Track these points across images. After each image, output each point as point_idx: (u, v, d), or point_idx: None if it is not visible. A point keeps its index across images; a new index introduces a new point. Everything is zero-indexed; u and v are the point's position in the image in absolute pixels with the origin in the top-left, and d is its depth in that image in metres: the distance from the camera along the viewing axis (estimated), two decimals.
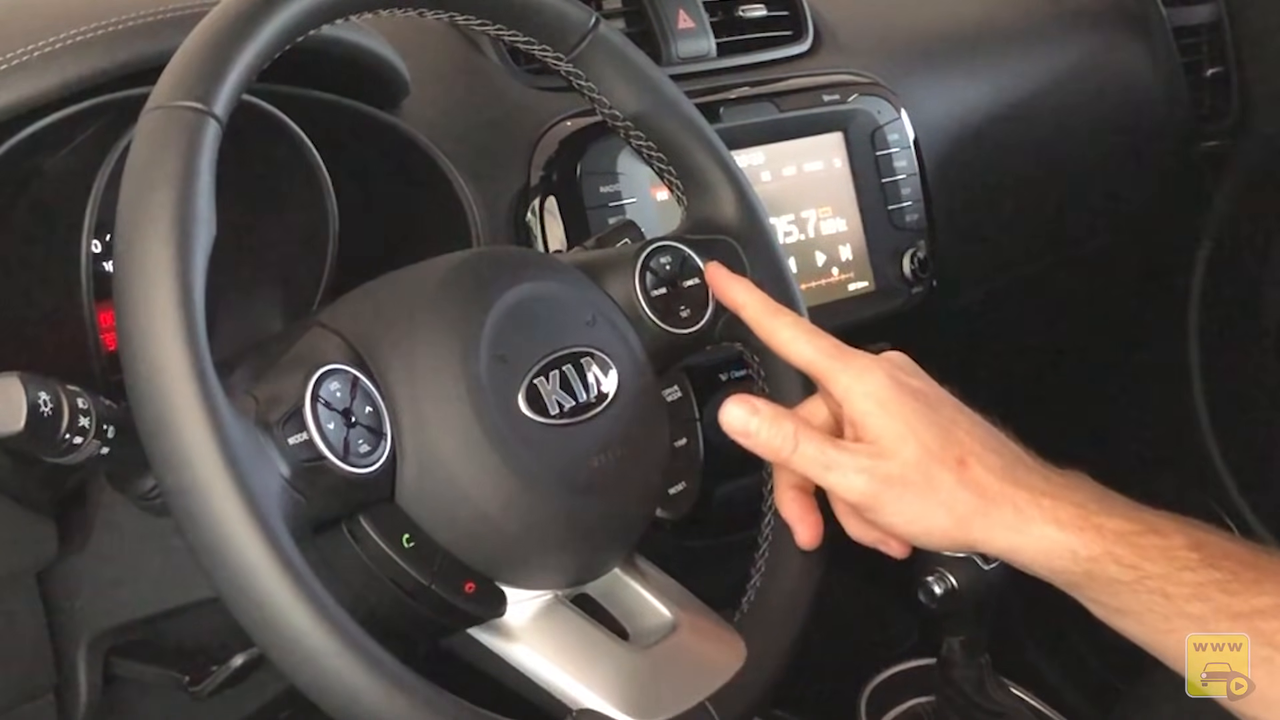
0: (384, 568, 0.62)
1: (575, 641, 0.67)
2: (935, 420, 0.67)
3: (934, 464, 0.66)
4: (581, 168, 0.94)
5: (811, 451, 0.67)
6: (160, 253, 0.54)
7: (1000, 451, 0.68)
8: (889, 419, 0.67)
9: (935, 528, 0.66)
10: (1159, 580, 0.63)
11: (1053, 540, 0.64)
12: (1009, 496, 0.65)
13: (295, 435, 0.59)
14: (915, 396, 0.68)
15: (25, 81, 0.67)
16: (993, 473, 0.66)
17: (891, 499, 0.66)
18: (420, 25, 0.88)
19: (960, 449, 0.66)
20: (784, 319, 0.72)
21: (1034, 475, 0.67)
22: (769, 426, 0.68)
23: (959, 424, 0.68)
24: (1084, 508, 0.65)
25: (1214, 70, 1.42)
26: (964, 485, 0.65)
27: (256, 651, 0.74)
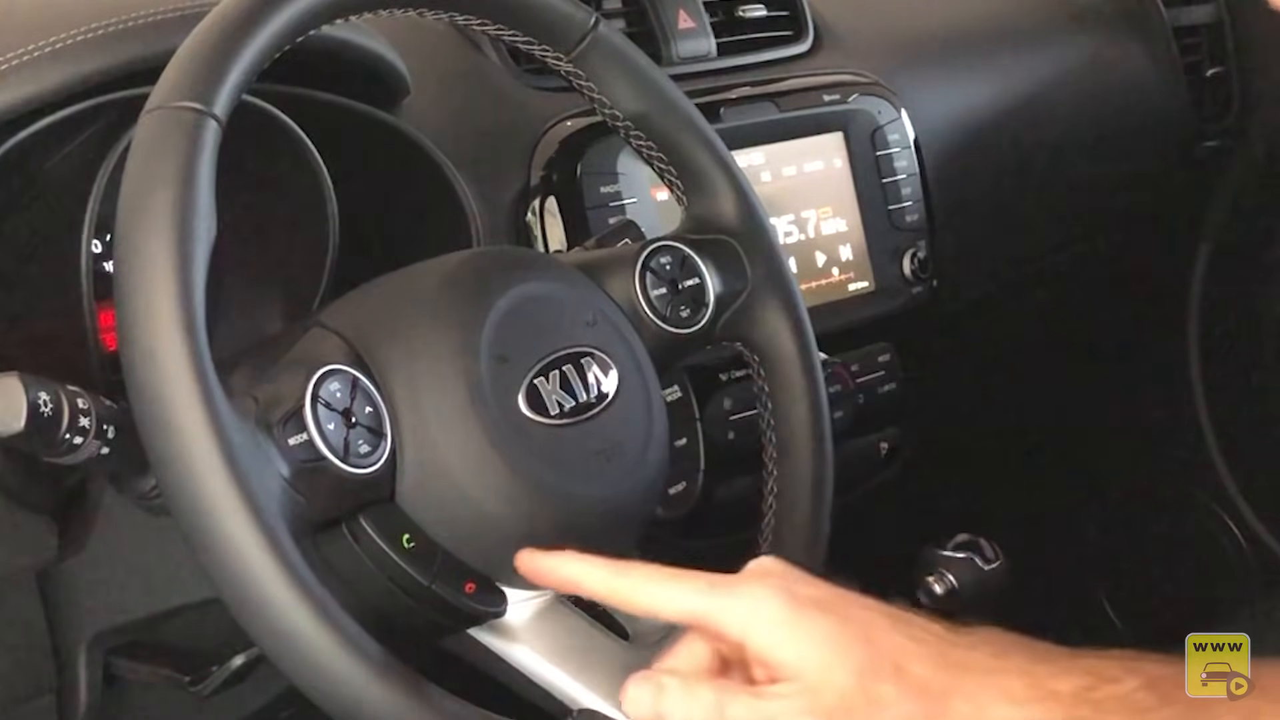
0: (384, 568, 0.62)
1: (575, 641, 0.67)
2: (852, 629, 0.60)
3: (871, 679, 0.59)
4: (581, 168, 0.94)
5: (741, 713, 0.58)
6: (160, 253, 0.54)
7: (925, 639, 0.61)
8: (806, 645, 0.59)
9: None
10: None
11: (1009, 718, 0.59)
12: (957, 687, 0.60)
13: (295, 436, 0.59)
14: (821, 610, 0.60)
15: (25, 81, 0.67)
16: (931, 665, 0.60)
17: None
18: (420, 25, 0.88)
19: (889, 653, 0.60)
20: (633, 576, 0.63)
21: (968, 652, 0.61)
22: (684, 701, 0.59)
23: (875, 625, 0.61)
24: (1032, 674, 0.60)
25: (1214, 70, 1.42)
26: (909, 693, 0.59)
27: (256, 651, 0.74)
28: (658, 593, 0.62)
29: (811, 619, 0.60)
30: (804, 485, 0.77)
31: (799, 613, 0.60)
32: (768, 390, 0.79)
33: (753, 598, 0.60)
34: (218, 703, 0.77)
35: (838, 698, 0.58)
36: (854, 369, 1.07)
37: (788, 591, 0.60)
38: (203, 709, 0.79)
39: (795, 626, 0.59)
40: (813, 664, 0.59)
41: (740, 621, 0.60)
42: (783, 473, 0.78)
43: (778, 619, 0.59)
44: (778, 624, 0.59)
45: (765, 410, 0.80)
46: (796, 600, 0.60)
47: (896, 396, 1.10)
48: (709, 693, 0.59)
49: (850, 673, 0.59)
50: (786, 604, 0.60)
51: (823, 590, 0.62)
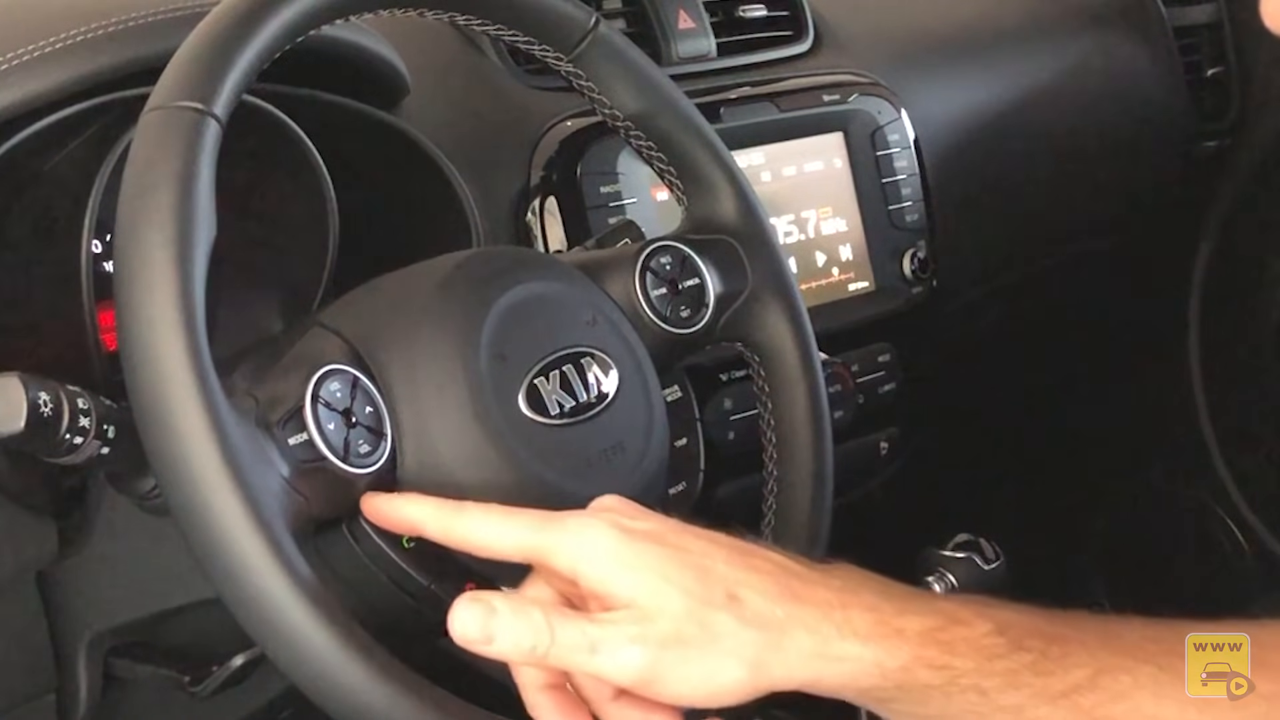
0: (384, 568, 0.62)
1: None
2: (685, 561, 0.59)
3: (705, 609, 0.57)
4: (581, 168, 0.94)
5: (571, 636, 0.56)
6: (160, 253, 0.54)
7: (765, 570, 0.60)
8: (636, 574, 0.57)
9: (729, 681, 0.57)
10: (972, 676, 0.58)
11: (857, 657, 0.58)
12: (797, 620, 0.58)
13: (295, 435, 0.59)
14: (652, 541, 0.59)
15: (25, 81, 0.67)
16: (770, 598, 0.58)
17: (673, 664, 0.56)
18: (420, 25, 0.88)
19: (725, 583, 0.58)
20: (465, 515, 0.61)
21: (812, 585, 0.60)
22: (513, 622, 0.56)
23: (711, 555, 0.59)
24: (879, 611, 0.59)
25: (1214, 70, 1.42)
26: (745, 623, 0.57)
27: (256, 651, 0.74)
28: (490, 531, 0.60)
29: (643, 549, 0.58)
30: (804, 485, 0.77)
31: (629, 545, 0.58)
32: (768, 390, 0.79)
33: (581, 532, 0.59)
34: (218, 703, 0.77)
35: (670, 625, 0.57)
36: (854, 369, 1.07)
37: (617, 525, 0.59)
38: (203, 709, 0.79)
39: (626, 558, 0.58)
40: (644, 593, 0.57)
41: (570, 556, 0.59)
42: (783, 473, 0.78)
43: (607, 551, 0.58)
44: (607, 556, 0.58)
45: (765, 410, 0.80)
46: (627, 533, 0.59)
47: (896, 396, 1.10)
48: (539, 615, 0.57)
49: (683, 601, 0.57)
50: (617, 536, 0.59)
51: (657, 523, 0.61)
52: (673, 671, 0.57)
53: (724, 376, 0.99)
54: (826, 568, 0.62)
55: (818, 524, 0.77)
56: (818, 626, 0.58)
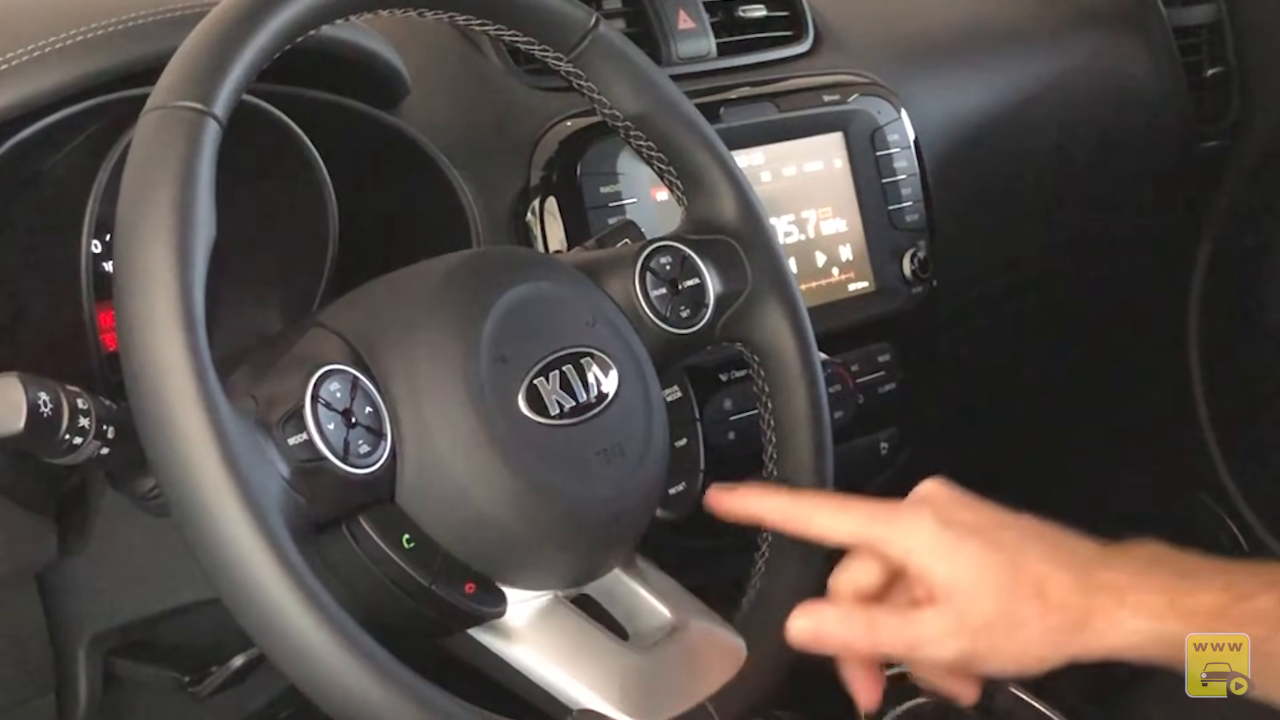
0: (384, 568, 0.62)
1: (575, 642, 0.67)
2: (1000, 555, 0.66)
3: (1015, 601, 0.65)
4: (581, 168, 0.94)
5: (891, 636, 0.67)
6: (160, 253, 0.54)
7: (1069, 563, 0.67)
8: (958, 569, 0.66)
9: (1033, 660, 0.66)
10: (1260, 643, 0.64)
11: (1149, 634, 0.65)
12: (1095, 607, 0.65)
13: (295, 436, 0.59)
14: (971, 534, 0.67)
15: (25, 81, 0.67)
16: (1072, 589, 0.65)
17: (985, 650, 0.66)
18: (420, 25, 0.88)
19: (1033, 578, 0.65)
20: (808, 505, 0.71)
21: (1110, 571, 0.66)
22: (840, 628, 0.68)
23: (1022, 549, 0.67)
24: (1170, 592, 0.65)
25: (1214, 70, 1.42)
26: (1049, 612, 0.65)
27: (256, 651, 0.74)
28: (829, 521, 0.70)
29: (962, 545, 0.66)
30: (804, 485, 0.77)
31: (951, 539, 0.66)
32: (768, 390, 0.79)
33: (913, 526, 0.67)
34: (218, 703, 0.77)
35: (981, 619, 0.65)
36: (854, 369, 1.07)
37: (942, 518, 0.67)
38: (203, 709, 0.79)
39: (947, 552, 0.66)
40: (962, 587, 0.66)
41: (901, 548, 0.67)
42: (783, 473, 0.78)
43: (932, 545, 0.66)
44: (932, 550, 0.66)
45: (765, 410, 0.80)
46: (950, 526, 0.67)
47: (896, 396, 1.10)
48: (861, 617, 0.68)
49: (994, 596, 0.65)
50: (940, 531, 0.67)
51: (978, 515, 0.68)
52: (985, 657, 0.66)
53: (724, 376, 0.99)
54: (1126, 548, 0.68)
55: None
56: (1112, 613, 0.65)
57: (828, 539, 0.70)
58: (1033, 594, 0.65)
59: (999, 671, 0.67)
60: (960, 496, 0.70)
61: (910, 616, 0.67)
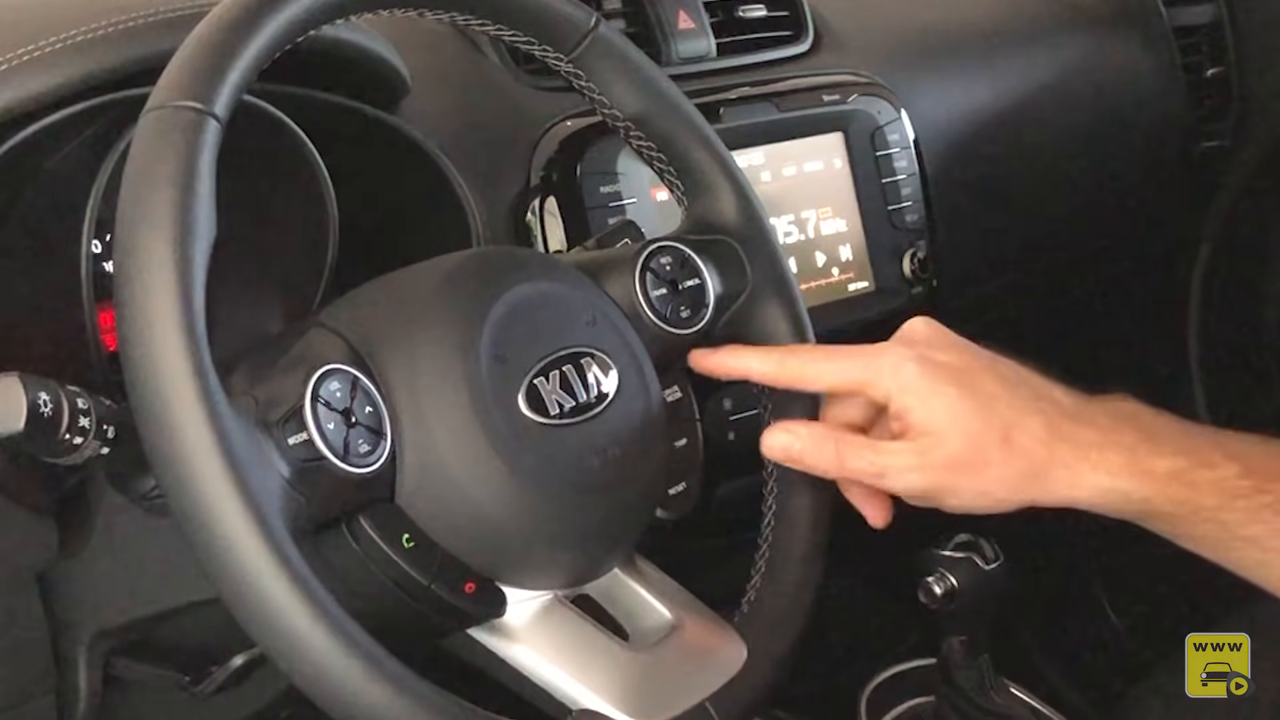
0: (384, 568, 0.62)
1: (575, 642, 0.67)
2: (973, 399, 0.68)
3: (981, 444, 0.67)
4: (581, 168, 0.94)
5: (860, 463, 0.70)
6: (160, 253, 0.54)
7: (1041, 410, 0.69)
8: (930, 410, 0.68)
9: (993, 501, 0.69)
10: (1213, 511, 0.66)
11: (1106, 489, 0.67)
12: (1058, 458, 0.67)
13: (295, 435, 0.59)
14: (949, 377, 0.69)
15: (25, 81, 0.67)
16: (1037, 438, 0.68)
17: (947, 487, 0.68)
18: (420, 25, 0.88)
19: (1002, 422, 0.68)
20: (795, 358, 0.74)
21: (1078, 425, 0.69)
22: (812, 448, 0.71)
23: (997, 396, 0.69)
24: (1133, 451, 0.67)
25: (1214, 70, 1.42)
26: (1012, 457, 0.67)
27: (256, 651, 0.74)
28: (817, 371, 0.73)
29: (939, 387, 0.69)
30: (804, 485, 0.77)
31: (930, 379, 0.69)
32: (768, 390, 0.79)
33: (895, 367, 0.70)
34: (218, 703, 0.77)
35: (946, 457, 0.68)
36: None
37: (923, 360, 0.70)
38: (203, 709, 0.79)
39: (925, 393, 0.69)
40: (934, 426, 0.68)
41: (883, 388, 0.70)
42: (783, 472, 0.78)
43: (910, 385, 0.69)
44: (910, 390, 0.69)
45: (765, 410, 0.80)
46: (929, 367, 0.69)
47: None
48: (832, 443, 0.71)
49: (963, 436, 0.68)
50: (919, 372, 0.69)
51: (959, 356, 0.71)
52: (946, 493, 0.69)
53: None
54: (1102, 403, 0.71)
55: (818, 524, 0.77)
56: (1073, 464, 0.67)
57: (821, 384, 0.73)
58: (999, 439, 0.67)
59: (957, 507, 0.70)
60: (945, 336, 0.73)
61: (880, 447, 0.70)
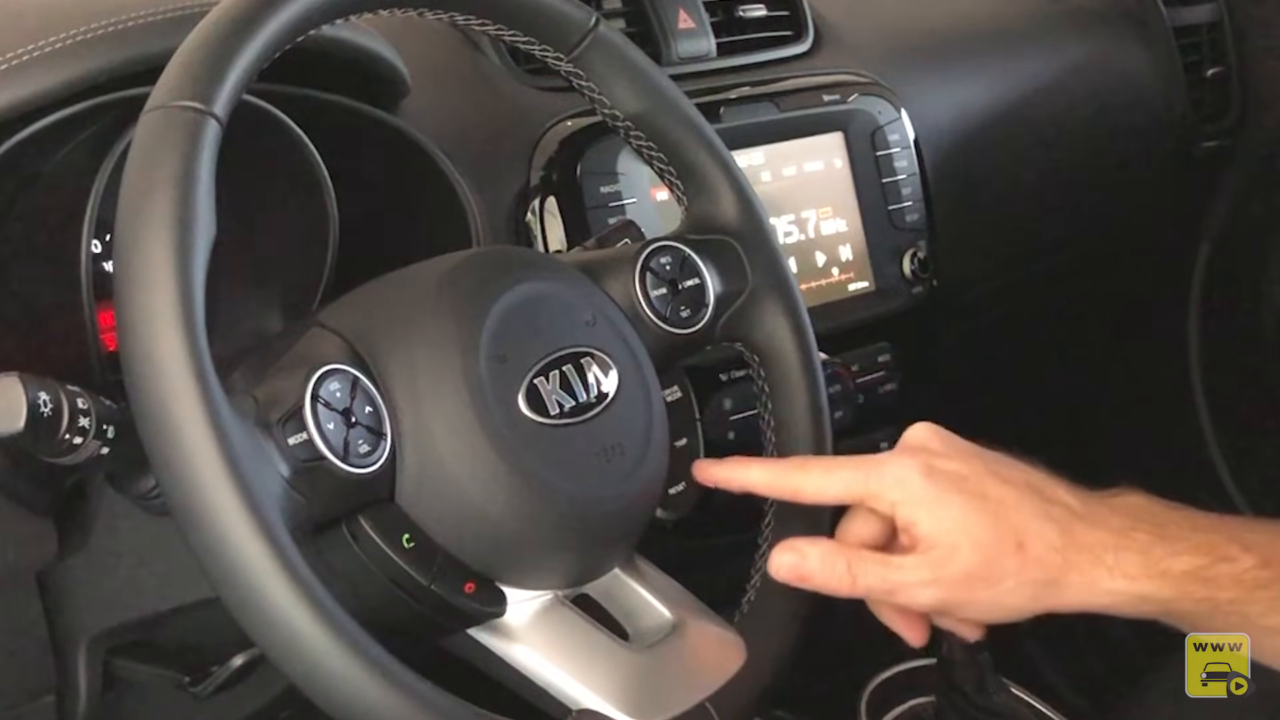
0: (384, 568, 0.62)
1: (575, 641, 0.67)
2: (983, 508, 0.67)
3: (994, 556, 0.66)
4: (581, 168, 0.94)
5: (872, 581, 0.68)
6: (160, 253, 0.54)
7: (1052, 516, 0.67)
8: (939, 521, 0.67)
9: (1010, 612, 0.67)
10: (1235, 604, 0.65)
11: (1125, 594, 0.66)
12: (1073, 565, 0.66)
13: (295, 435, 0.59)
14: (956, 486, 0.68)
15: (25, 81, 0.67)
16: (1051, 546, 0.66)
17: (961, 600, 0.67)
18: (420, 25, 0.88)
19: (1015, 532, 0.66)
20: (796, 470, 0.72)
21: (1090, 528, 0.67)
22: (822, 567, 0.68)
23: (1006, 503, 0.67)
24: (1148, 553, 0.66)
25: (1214, 70, 1.42)
26: (1027, 568, 0.66)
27: (256, 651, 0.74)
28: (819, 483, 0.71)
29: (946, 497, 0.67)
30: None
31: (935, 488, 0.67)
32: (768, 390, 0.79)
33: (899, 478, 0.68)
34: (218, 703, 0.77)
35: (960, 571, 0.66)
36: (854, 369, 1.07)
37: (928, 468, 0.68)
38: (203, 709, 0.79)
39: (932, 503, 0.67)
40: (943, 538, 0.66)
41: (888, 500, 0.68)
42: None
43: (916, 496, 0.67)
44: (916, 501, 0.67)
45: (765, 410, 0.80)
46: (933, 476, 0.68)
47: (896, 396, 1.10)
48: (843, 560, 0.68)
49: (975, 549, 0.66)
50: (924, 482, 0.67)
51: (965, 463, 0.69)
52: (961, 606, 0.68)
53: (724, 376, 0.99)
54: (1111, 501, 0.69)
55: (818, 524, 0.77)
56: (1090, 570, 0.66)
57: (820, 501, 0.72)
58: (1013, 549, 0.66)
59: (975, 618, 0.69)
60: (948, 442, 0.71)
61: (892, 563, 0.68)
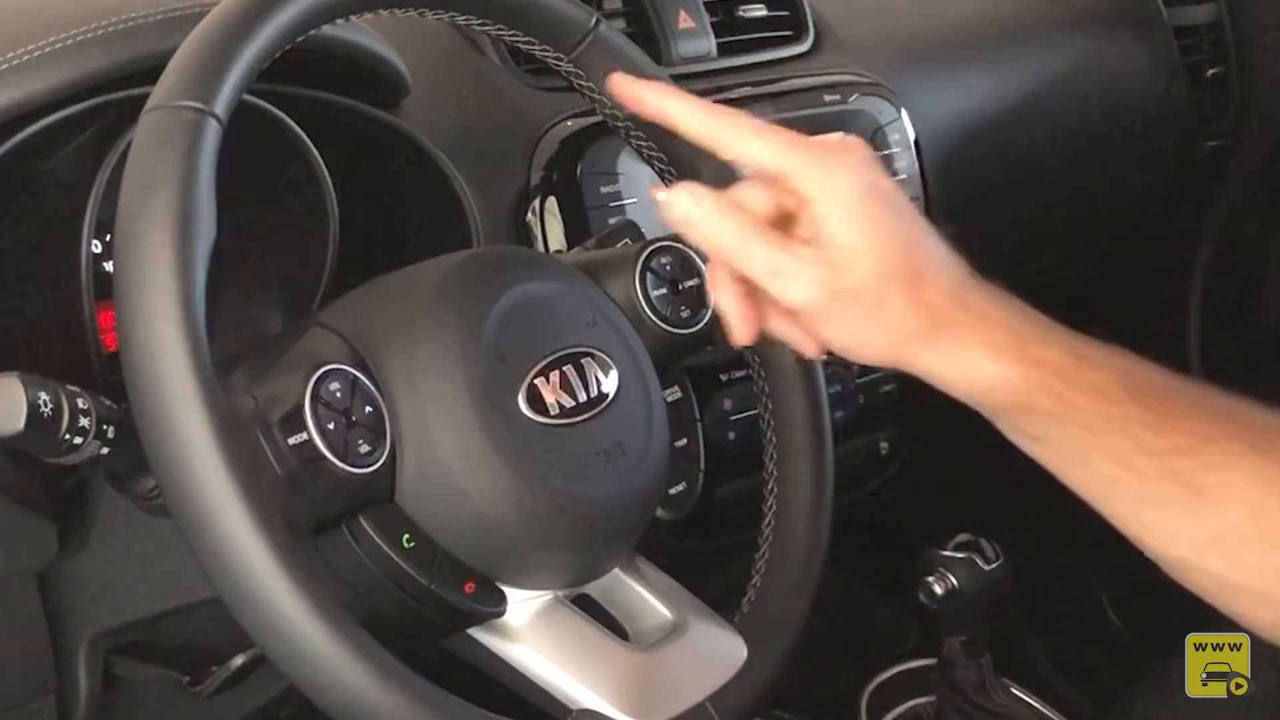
0: (384, 568, 0.62)
1: (575, 642, 0.67)
2: (901, 231, 0.62)
3: (890, 281, 0.61)
4: (581, 168, 0.94)
5: (760, 254, 0.61)
6: (160, 253, 0.54)
7: (953, 268, 0.64)
8: (856, 228, 0.61)
9: (871, 345, 0.63)
10: (1084, 414, 0.61)
11: (985, 369, 0.62)
12: (953, 320, 0.62)
13: (295, 435, 0.59)
14: (885, 201, 0.63)
15: (25, 81, 0.67)
16: (943, 294, 0.62)
17: (836, 313, 0.62)
18: (420, 25, 0.88)
19: (918, 265, 0.62)
20: (723, 120, 0.64)
21: (980, 296, 0.64)
22: (714, 218, 0.62)
23: (919, 241, 0.63)
24: (1019, 336, 0.63)
25: (1214, 70, 1.42)
26: (912, 305, 0.61)
27: (256, 651, 0.74)
28: (750, 142, 0.63)
29: (872, 208, 0.62)
30: (804, 485, 0.77)
31: (866, 196, 0.62)
32: (768, 390, 0.79)
33: (832, 168, 0.62)
34: (218, 703, 0.77)
35: (853, 283, 0.61)
36: (854, 369, 1.07)
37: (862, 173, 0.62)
38: (203, 709, 0.79)
39: (856, 208, 0.61)
40: (853, 246, 0.61)
41: (815, 185, 0.61)
42: (783, 473, 0.78)
43: (843, 194, 0.61)
44: (841, 199, 0.61)
45: (765, 410, 0.80)
46: (867, 185, 0.62)
47: (896, 396, 1.10)
48: (738, 219, 0.62)
49: (878, 267, 0.61)
50: (857, 185, 0.62)
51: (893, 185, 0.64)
52: (832, 319, 0.62)
53: (724, 376, 0.99)
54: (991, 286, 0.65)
55: (818, 525, 0.77)
56: (963, 334, 0.62)
57: (737, 158, 0.64)
58: (909, 282, 0.61)
59: (835, 343, 0.64)
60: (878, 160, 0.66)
61: (789, 245, 0.62)
